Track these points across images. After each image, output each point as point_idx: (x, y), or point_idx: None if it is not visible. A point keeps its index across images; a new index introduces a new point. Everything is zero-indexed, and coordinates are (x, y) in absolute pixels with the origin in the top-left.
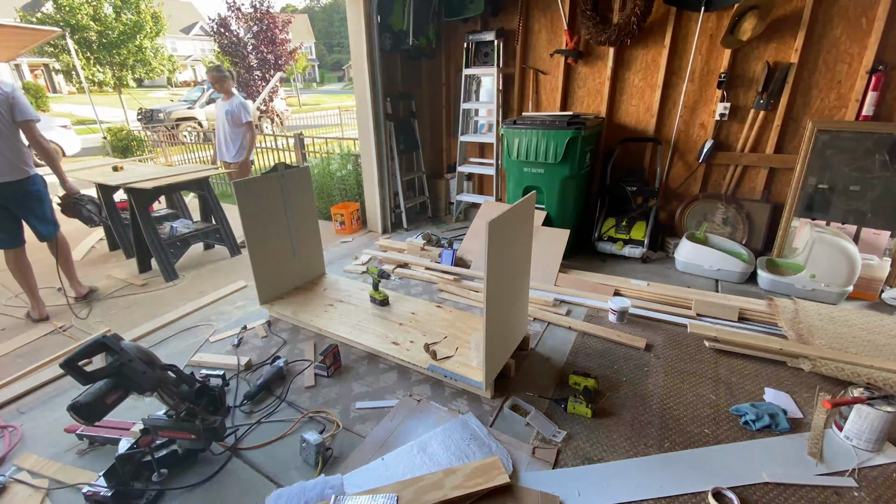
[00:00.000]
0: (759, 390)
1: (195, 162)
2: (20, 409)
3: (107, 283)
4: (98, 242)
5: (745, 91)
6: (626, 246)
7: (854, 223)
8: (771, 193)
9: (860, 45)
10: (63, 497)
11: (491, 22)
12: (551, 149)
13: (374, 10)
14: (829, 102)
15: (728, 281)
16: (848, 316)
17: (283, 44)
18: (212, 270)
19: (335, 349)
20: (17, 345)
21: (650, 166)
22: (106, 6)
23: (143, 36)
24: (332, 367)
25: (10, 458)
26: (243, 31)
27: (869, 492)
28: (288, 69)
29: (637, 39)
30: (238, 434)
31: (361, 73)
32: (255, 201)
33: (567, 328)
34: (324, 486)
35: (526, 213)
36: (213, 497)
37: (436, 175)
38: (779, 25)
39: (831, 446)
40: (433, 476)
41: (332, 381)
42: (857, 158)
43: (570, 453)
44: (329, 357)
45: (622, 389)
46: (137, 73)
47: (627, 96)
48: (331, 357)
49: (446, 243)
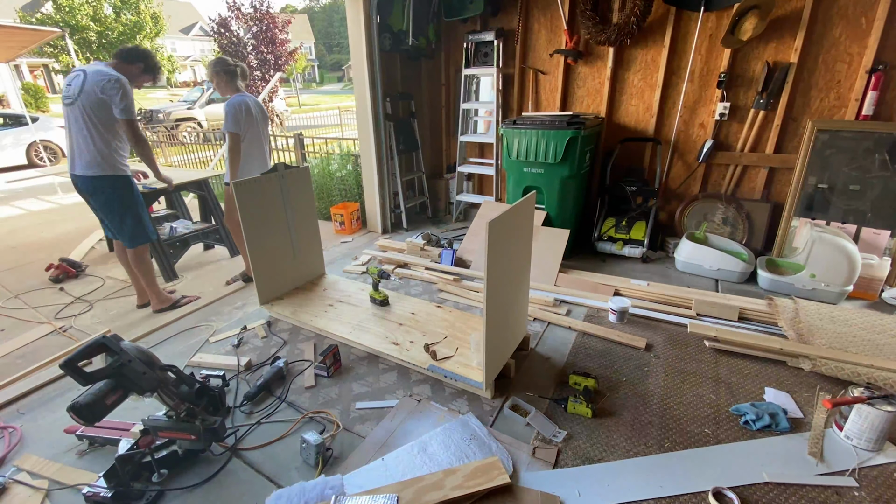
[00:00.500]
0: (760, 390)
1: (196, 162)
2: (20, 409)
3: (108, 284)
4: (98, 243)
5: (744, 91)
6: (625, 246)
7: (854, 223)
8: (771, 193)
9: (860, 44)
10: (63, 498)
11: (490, 22)
12: (551, 149)
13: (374, 11)
14: (828, 102)
15: (728, 281)
16: (848, 315)
17: (282, 44)
18: (211, 271)
19: (335, 349)
20: (18, 345)
21: (650, 166)
22: (106, 6)
23: (142, 36)
24: (332, 367)
25: (9, 458)
26: (243, 32)
27: (869, 491)
28: (287, 69)
29: (637, 39)
30: (238, 434)
31: (361, 74)
32: (255, 202)
33: (567, 328)
34: (324, 486)
35: (526, 213)
36: (214, 498)
37: (435, 175)
38: (779, 25)
39: (832, 446)
40: (433, 476)
41: (332, 381)
42: (856, 158)
43: (571, 453)
44: (329, 357)
45: (622, 389)
46: None
47: (627, 96)
48: (331, 357)
49: (446, 243)
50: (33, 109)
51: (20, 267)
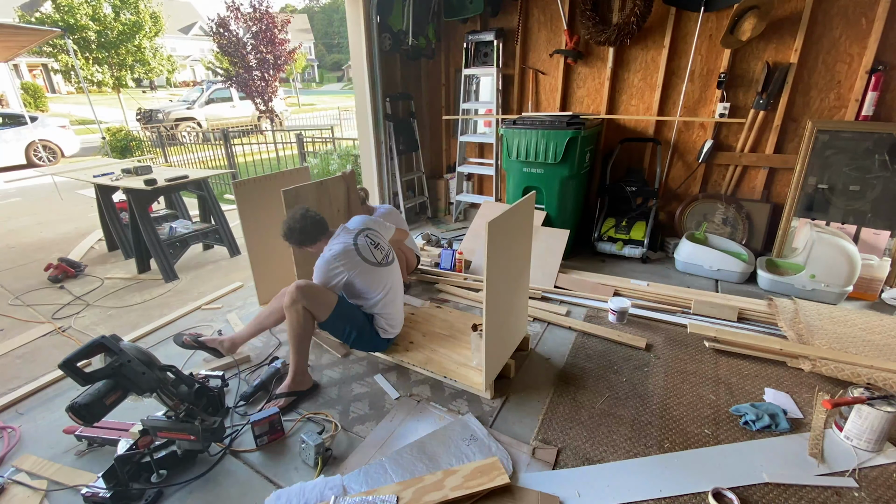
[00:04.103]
0: (760, 390)
1: (195, 162)
2: (19, 410)
3: (106, 284)
4: (97, 243)
5: (744, 91)
6: (625, 246)
7: (854, 223)
8: (771, 193)
9: (860, 45)
10: (62, 498)
11: (490, 22)
12: (551, 149)
13: (374, 11)
14: (828, 102)
15: (728, 281)
16: (848, 316)
17: (282, 44)
18: (211, 271)
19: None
20: (17, 344)
21: (650, 166)
22: (105, 6)
23: (142, 36)
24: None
25: (8, 459)
26: (242, 31)
27: (869, 492)
28: (287, 69)
29: (636, 39)
30: (238, 433)
31: (361, 74)
32: (255, 202)
33: (567, 328)
34: (324, 486)
35: (526, 213)
36: (213, 498)
37: (435, 175)
38: (778, 25)
39: (832, 447)
40: (433, 476)
41: (331, 382)
42: (856, 158)
43: (570, 453)
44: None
45: (622, 389)
46: (136, 73)
47: (627, 96)
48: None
49: (446, 243)
50: (32, 109)
51: (19, 267)
